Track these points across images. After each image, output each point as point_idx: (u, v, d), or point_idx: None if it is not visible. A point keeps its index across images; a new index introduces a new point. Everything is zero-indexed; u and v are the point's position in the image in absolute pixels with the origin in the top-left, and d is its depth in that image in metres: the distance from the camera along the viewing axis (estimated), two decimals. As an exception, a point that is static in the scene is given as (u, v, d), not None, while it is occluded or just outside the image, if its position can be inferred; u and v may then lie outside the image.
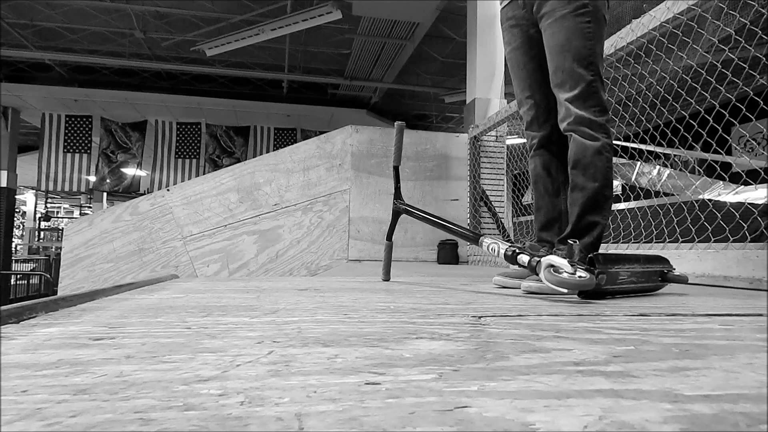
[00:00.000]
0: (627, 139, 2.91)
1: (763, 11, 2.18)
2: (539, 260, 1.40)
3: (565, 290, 1.31)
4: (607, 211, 1.73)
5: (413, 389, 0.45)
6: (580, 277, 1.29)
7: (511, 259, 1.52)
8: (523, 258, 1.48)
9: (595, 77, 1.71)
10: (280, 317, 0.92)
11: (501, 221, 4.96)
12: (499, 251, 1.59)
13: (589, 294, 1.40)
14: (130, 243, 4.47)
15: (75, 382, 0.46)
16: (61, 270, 4.53)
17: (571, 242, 1.37)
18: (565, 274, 1.30)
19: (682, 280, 1.70)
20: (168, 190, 4.60)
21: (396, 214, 2.12)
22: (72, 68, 10.33)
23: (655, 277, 1.65)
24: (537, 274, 1.41)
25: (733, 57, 2.25)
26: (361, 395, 0.43)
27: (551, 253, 1.61)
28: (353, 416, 0.37)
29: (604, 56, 1.81)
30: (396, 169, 2.14)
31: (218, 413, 0.37)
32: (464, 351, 0.64)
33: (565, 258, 1.35)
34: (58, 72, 10.31)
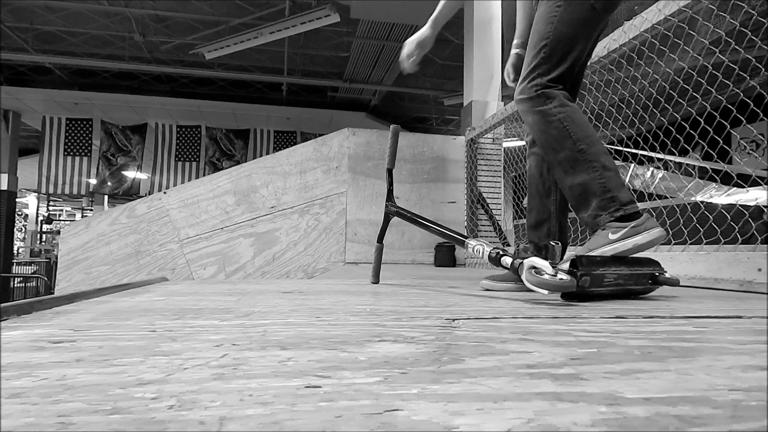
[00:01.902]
0: (621, 142, 2.92)
1: (753, 12, 2.18)
2: (522, 262, 1.40)
3: (546, 291, 1.30)
4: (592, 163, 1.62)
5: (351, 392, 0.45)
6: (561, 279, 1.28)
7: (495, 261, 1.52)
8: (506, 260, 1.48)
9: (543, 56, 1.69)
10: (251, 320, 0.92)
11: (498, 224, 4.95)
12: (483, 253, 1.58)
13: (573, 296, 1.40)
14: (126, 246, 4.48)
15: (13, 386, 0.46)
16: (57, 273, 4.53)
17: (553, 243, 1.36)
18: (546, 276, 1.29)
19: (672, 282, 1.67)
20: (165, 192, 4.60)
21: (387, 217, 2.12)
22: (72, 71, 10.37)
23: (645, 280, 1.63)
24: (519, 276, 1.41)
25: (724, 59, 2.25)
26: (295, 399, 0.42)
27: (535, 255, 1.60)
28: (277, 420, 0.37)
29: (573, 38, 1.71)
30: (389, 171, 2.14)
31: (142, 417, 0.37)
32: (422, 353, 0.64)
33: (547, 260, 1.34)
34: (58, 75, 10.35)
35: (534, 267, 1.33)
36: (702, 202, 2.36)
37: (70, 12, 8.26)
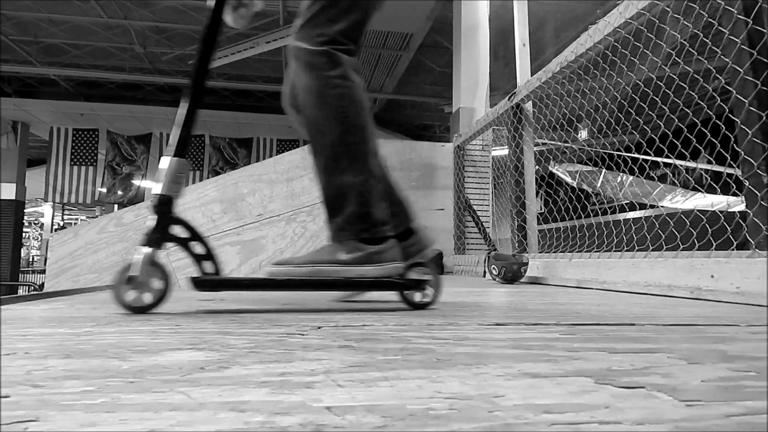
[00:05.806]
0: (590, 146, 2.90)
1: (703, 13, 2.14)
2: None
3: None
4: (359, 164, 1.35)
5: (29, 402, 0.44)
6: None
7: None
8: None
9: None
10: (98, 327, 0.92)
11: (486, 231, 4.91)
12: None
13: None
14: (114, 254, 4.52)
15: None
16: (46, 281, 4.59)
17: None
18: None
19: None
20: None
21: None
22: (78, 83, 10.57)
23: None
24: None
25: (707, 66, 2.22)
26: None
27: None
28: None
29: None
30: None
31: None
32: (201, 362, 0.63)
33: None
34: (64, 87, 10.55)
35: None
36: (664, 207, 2.33)
37: (73, 25, 8.42)
